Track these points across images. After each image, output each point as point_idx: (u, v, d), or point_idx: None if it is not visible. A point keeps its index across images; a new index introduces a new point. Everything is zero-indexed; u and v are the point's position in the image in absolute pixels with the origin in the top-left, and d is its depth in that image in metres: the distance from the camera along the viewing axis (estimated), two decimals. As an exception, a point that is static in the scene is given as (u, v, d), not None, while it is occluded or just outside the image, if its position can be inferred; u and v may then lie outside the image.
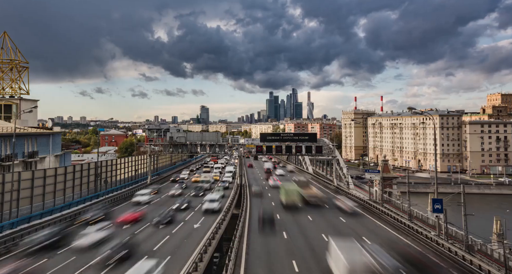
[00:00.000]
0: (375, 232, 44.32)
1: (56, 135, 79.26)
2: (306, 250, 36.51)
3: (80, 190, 57.51)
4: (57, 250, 34.84)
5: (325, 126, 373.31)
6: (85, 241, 35.83)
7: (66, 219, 46.71)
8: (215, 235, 39.71)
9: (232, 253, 32.95)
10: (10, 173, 43.14)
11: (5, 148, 59.53)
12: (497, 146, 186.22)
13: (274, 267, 31.64)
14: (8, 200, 41.25)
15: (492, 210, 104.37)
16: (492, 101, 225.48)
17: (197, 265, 29.60)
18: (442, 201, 40.31)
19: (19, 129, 64.46)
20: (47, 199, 48.56)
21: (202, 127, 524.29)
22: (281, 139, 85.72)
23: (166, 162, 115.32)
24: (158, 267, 27.07)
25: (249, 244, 38.47)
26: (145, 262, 27.55)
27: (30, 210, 45.00)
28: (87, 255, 32.93)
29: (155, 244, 37.13)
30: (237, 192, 71.30)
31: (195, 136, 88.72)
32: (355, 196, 68.37)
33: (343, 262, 25.44)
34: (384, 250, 27.61)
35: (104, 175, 66.12)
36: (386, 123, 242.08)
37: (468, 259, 32.00)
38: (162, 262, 29.16)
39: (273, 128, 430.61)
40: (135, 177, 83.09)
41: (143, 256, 31.98)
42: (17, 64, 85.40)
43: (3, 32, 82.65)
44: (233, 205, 59.52)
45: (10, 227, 40.41)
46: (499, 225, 49.12)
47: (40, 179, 47.40)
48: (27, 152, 66.39)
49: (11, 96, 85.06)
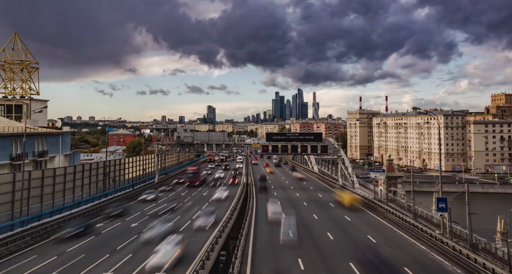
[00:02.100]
0: (380, 230, 44.68)
1: (65, 135, 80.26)
2: (309, 243, 37.09)
3: (89, 189, 58.33)
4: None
5: (330, 126, 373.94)
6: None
7: (75, 218, 47.42)
8: (221, 233, 40.15)
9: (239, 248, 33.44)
10: (21, 172, 43.70)
11: (16, 148, 60.44)
12: (501, 146, 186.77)
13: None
14: (19, 199, 41.89)
15: (496, 209, 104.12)
16: (496, 101, 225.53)
17: (204, 263, 29.87)
18: (447, 200, 40.73)
19: (30, 129, 65.43)
20: (57, 198, 49.25)
21: (208, 127, 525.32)
22: (287, 138, 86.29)
23: (173, 162, 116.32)
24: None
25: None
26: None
27: (40, 208, 45.63)
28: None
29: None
30: (243, 191, 71.87)
31: (202, 136, 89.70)
32: (360, 195, 68.80)
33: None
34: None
35: (113, 174, 66.92)
36: (391, 123, 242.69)
37: (472, 257, 32.04)
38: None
39: (279, 128, 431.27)
40: (143, 176, 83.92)
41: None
42: (27, 65, 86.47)
43: (13, 33, 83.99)
44: (239, 204, 60.00)
45: (21, 226, 40.99)
46: (503, 224, 49.35)
47: (50, 178, 48.07)
48: (37, 152, 67.23)
49: (22, 97, 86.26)
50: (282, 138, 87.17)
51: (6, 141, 58.80)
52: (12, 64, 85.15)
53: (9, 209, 40.74)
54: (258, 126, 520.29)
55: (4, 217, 39.96)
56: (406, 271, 30.03)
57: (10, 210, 40.77)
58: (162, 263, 28.72)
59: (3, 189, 39.87)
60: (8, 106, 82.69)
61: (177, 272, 28.63)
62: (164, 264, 28.66)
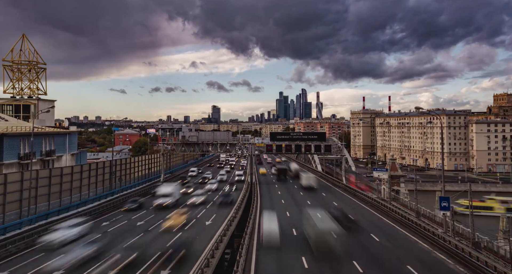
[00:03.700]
0: (383, 229, 45.01)
1: (72, 135, 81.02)
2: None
3: (96, 188, 59.06)
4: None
5: (333, 125, 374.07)
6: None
7: (82, 216, 48.02)
8: (226, 232, 40.69)
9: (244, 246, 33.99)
10: (29, 171, 44.32)
11: (23, 147, 61.21)
12: (503, 145, 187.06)
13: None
14: (27, 197, 42.56)
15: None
16: (498, 101, 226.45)
17: (208, 261, 30.18)
18: (449, 199, 41.09)
19: (37, 128, 66.10)
20: (64, 197, 50.01)
21: (213, 127, 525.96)
22: (291, 138, 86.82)
23: (179, 161, 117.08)
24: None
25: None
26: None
27: (48, 207, 46.36)
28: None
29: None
30: (247, 190, 72.29)
31: (207, 136, 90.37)
32: (364, 194, 69.17)
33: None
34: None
35: (119, 173, 67.65)
36: (394, 123, 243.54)
37: (474, 255, 32.29)
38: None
39: (283, 128, 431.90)
40: (149, 175, 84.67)
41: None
42: (35, 65, 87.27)
43: (22, 35, 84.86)
44: (243, 202, 60.53)
45: (29, 224, 41.70)
46: (505, 223, 49.66)
47: (57, 177, 48.88)
48: (44, 151, 67.98)
49: (30, 97, 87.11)
50: (286, 137, 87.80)
51: (15, 140, 59.53)
52: (20, 65, 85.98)
53: (18, 208, 41.39)
54: (262, 126, 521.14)
55: (13, 215, 40.59)
56: (409, 269, 30.35)
57: (18, 209, 41.40)
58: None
59: (11, 188, 40.47)
60: (16, 106, 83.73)
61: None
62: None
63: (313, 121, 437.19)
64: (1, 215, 38.92)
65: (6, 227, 38.34)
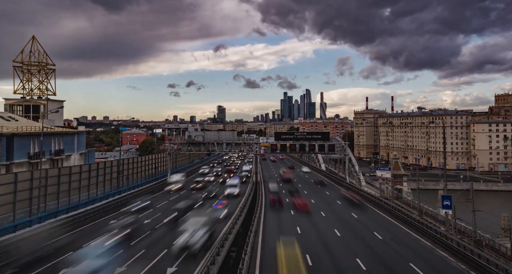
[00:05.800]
0: (386, 227, 45.61)
1: (81, 134, 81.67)
2: (316, 240, 38.34)
3: (104, 187, 59.82)
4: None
5: (337, 125, 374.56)
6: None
7: (90, 215, 48.56)
8: (231, 230, 41.36)
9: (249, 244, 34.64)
10: (38, 170, 44.78)
11: (33, 146, 62.06)
12: (504, 145, 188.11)
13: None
14: (37, 196, 43.01)
15: (499, 206, 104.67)
16: (500, 101, 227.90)
17: (214, 258, 30.39)
18: (451, 198, 41.66)
19: (47, 128, 67.00)
20: (73, 195, 50.66)
21: (218, 127, 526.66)
22: (295, 138, 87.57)
23: (185, 160, 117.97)
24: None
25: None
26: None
27: (57, 205, 46.94)
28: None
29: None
30: (252, 188, 73.00)
31: (212, 135, 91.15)
32: (367, 193, 69.78)
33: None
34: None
35: (126, 172, 68.54)
36: (397, 123, 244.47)
37: (476, 253, 32.57)
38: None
39: (287, 128, 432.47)
40: (155, 174, 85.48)
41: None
42: (44, 66, 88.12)
43: (32, 36, 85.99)
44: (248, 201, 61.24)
45: (38, 222, 42.16)
46: (506, 221, 50.20)
47: (66, 176, 49.42)
48: (53, 150, 68.82)
49: (39, 97, 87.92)
50: (290, 137, 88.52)
51: (25, 140, 60.33)
52: (30, 66, 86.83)
53: (27, 206, 41.92)
54: (267, 126, 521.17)
55: (23, 213, 41.14)
56: (411, 267, 30.89)
57: (28, 207, 41.98)
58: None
59: (21, 186, 40.91)
60: (26, 106, 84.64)
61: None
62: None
63: (317, 121, 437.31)
64: (11, 213, 39.44)
65: (16, 225, 39.09)
